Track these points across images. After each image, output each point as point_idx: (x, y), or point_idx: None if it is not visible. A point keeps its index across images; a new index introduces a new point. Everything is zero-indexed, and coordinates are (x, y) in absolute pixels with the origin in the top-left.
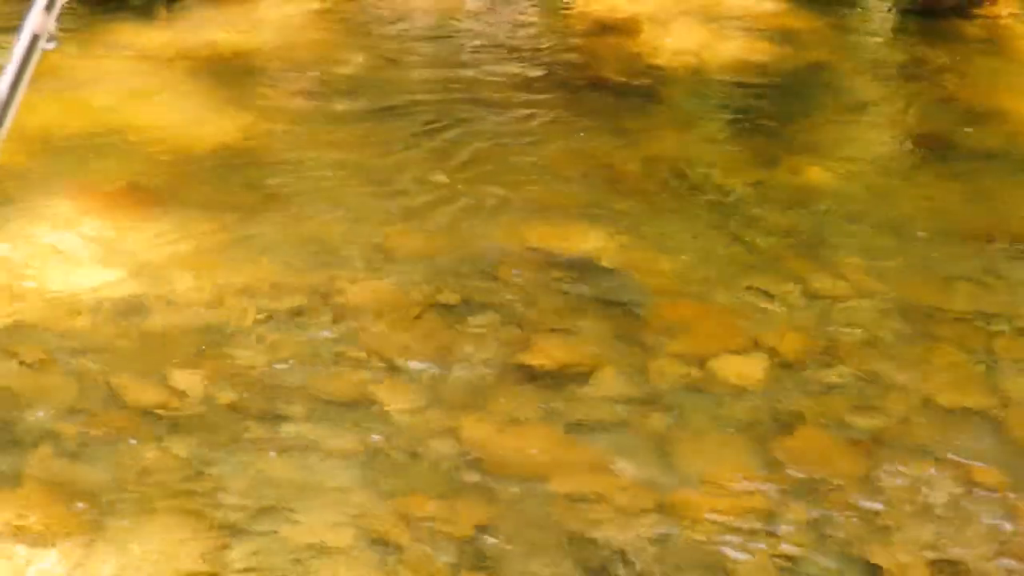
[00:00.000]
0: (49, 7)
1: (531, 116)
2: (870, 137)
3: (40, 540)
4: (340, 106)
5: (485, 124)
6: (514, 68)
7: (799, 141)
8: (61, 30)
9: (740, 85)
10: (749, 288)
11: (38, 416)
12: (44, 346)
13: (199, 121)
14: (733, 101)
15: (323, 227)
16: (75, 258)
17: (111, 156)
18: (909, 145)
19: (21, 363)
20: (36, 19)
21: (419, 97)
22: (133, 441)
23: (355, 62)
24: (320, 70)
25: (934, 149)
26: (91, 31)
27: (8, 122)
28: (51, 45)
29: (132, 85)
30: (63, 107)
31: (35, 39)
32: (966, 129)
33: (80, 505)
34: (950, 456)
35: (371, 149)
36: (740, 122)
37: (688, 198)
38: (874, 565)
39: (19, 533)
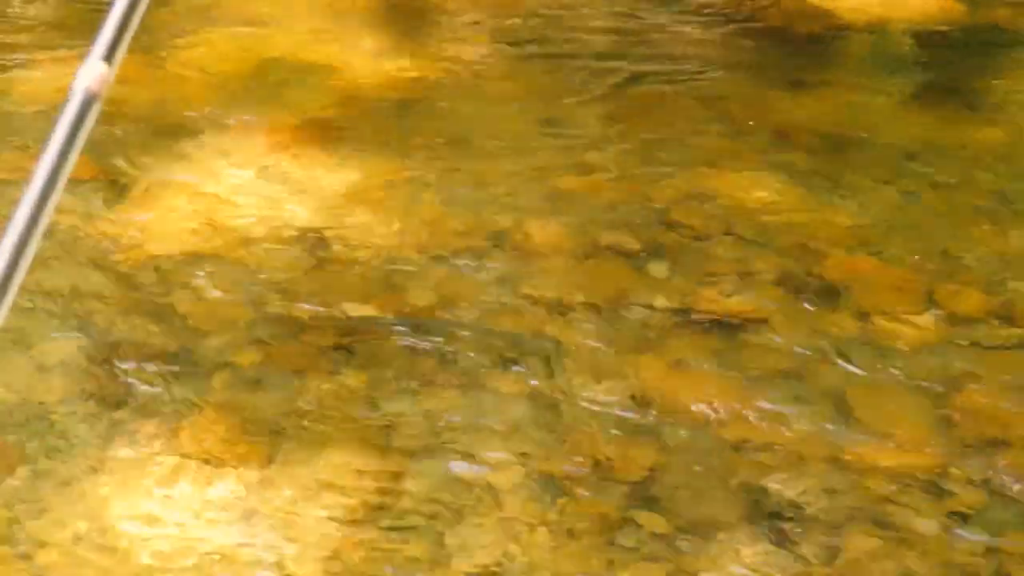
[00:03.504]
0: None
1: (704, 65)
2: None
3: (218, 465)
4: (514, 50)
5: (658, 72)
6: (687, 19)
7: (981, 99)
8: None
9: (921, 40)
10: (924, 245)
11: (217, 345)
12: (224, 276)
13: (376, 62)
14: (914, 56)
15: (497, 170)
16: (254, 191)
17: (289, 94)
18: None
19: (201, 293)
20: None
21: (592, 44)
22: (308, 372)
23: (531, 6)
24: (495, 13)
25: None
26: None
27: None
28: None
29: (309, 23)
30: (242, 45)
31: None
32: None
33: (257, 432)
34: None
35: (545, 94)
36: (921, 78)
37: (864, 153)
38: None
39: (198, 458)
